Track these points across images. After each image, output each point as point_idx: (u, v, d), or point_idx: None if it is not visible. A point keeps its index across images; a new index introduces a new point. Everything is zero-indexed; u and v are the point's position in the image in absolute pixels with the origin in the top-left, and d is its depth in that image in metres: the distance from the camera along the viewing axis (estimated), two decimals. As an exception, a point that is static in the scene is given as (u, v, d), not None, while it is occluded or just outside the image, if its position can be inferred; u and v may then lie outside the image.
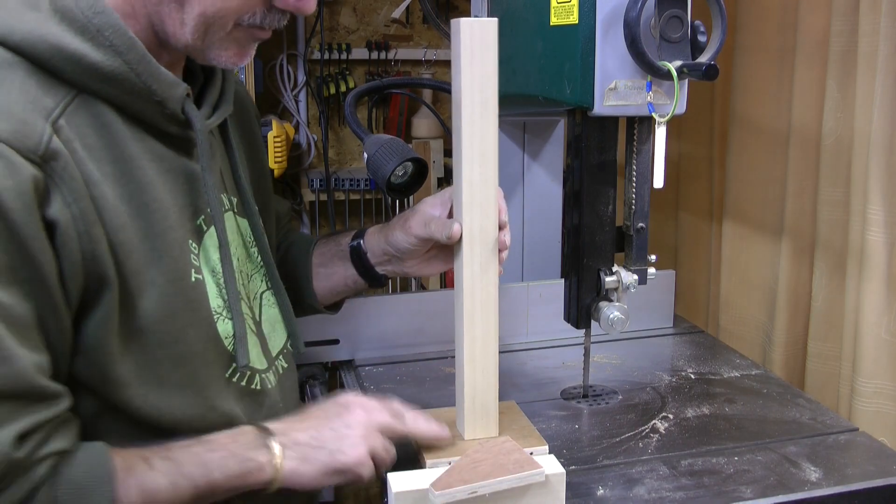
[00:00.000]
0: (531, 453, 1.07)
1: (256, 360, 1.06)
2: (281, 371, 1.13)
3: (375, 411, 1.03)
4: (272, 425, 0.98)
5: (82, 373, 0.90)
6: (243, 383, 1.03)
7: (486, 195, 1.07)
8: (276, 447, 0.95)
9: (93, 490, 0.84)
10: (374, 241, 1.23)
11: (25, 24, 0.84)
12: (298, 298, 1.28)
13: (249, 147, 1.21)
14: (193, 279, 0.96)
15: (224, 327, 0.99)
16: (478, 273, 1.09)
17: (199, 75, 1.05)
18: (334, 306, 1.35)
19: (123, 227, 0.88)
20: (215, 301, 0.99)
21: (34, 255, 0.81)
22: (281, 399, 1.10)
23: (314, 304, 1.29)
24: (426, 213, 1.15)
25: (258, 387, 1.06)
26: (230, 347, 1.00)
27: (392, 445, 1.04)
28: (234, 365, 1.01)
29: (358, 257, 1.25)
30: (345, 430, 0.99)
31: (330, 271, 1.28)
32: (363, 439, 0.99)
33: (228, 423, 1.00)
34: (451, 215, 1.14)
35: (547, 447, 1.10)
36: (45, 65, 0.85)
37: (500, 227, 1.10)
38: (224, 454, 0.93)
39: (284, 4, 0.93)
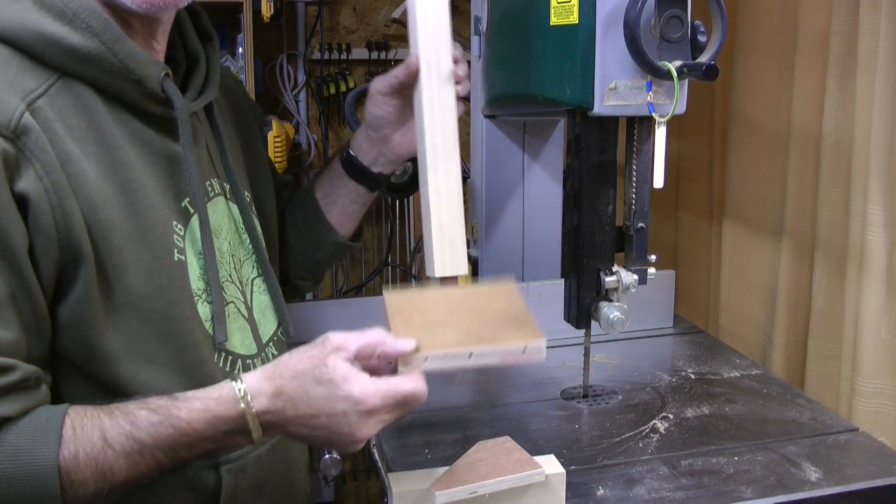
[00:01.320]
0: (524, 349, 0.94)
1: (240, 345, 1.06)
2: (271, 358, 1.12)
3: (368, 399, 0.89)
4: (263, 407, 0.89)
5: (67, 349, 0.90)
6: (227, 368, 1.03)
7: (438, 31, 1.13)
8: (256, 434, 0.90)
9: (33, 455, 0.82)
10: (359, 138, 1.26)
11: (7, 14, 0.89)
12: (320, 240, 1.29)
13: (243, 135, 1.23)
14: (176, 259, 0.97)
15: (203, 309, 1.00)
16: (436, 100, 1.11)
17: (182, 63, 1.07)
18: (356, 236, 1.34)
19: (105, 204, 0.90)
20: (197, 283, 1.00)
21: (4, 229, 0.82)
22: None
23: (336, 238, 1.29)
24: (384, 75, 1.20)
25: (241, 372, 1.03)
26: (210, 330, 1.00)
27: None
28: (216, 347, 1.01)
29: (351, 166, 1.26)
30: (335, 436, 0.90)
31: (334, 197, 1.29)
32: (353, 444, 0.91)
33: None
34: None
35: (544, 341, 0.95)
36: (27, 50, 0.89)
37: (455, 62, 1.14)
38: (196, 439, 0.88)
39: None
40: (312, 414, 0.89)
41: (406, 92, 1.18)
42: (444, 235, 1.10)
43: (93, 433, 0.85)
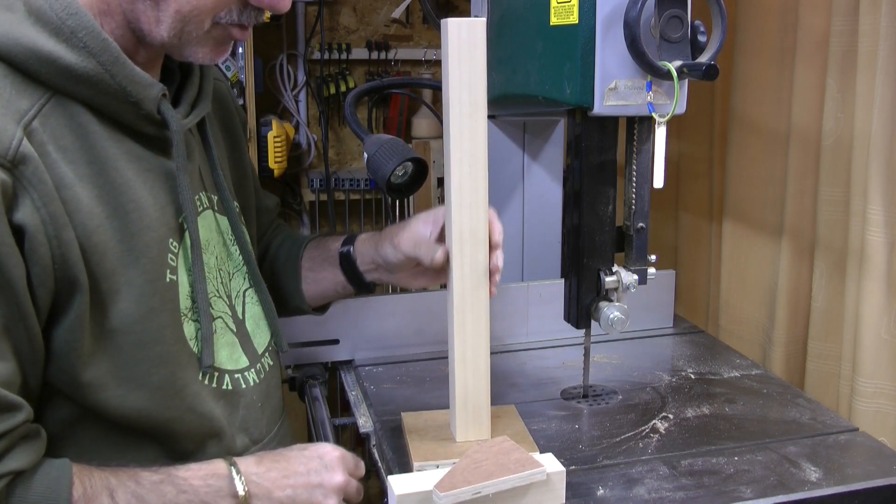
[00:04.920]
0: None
1: (228, 360, 1.05)
2: (267, 369, 1.12)
3: (334, 450, 1.03)
4: (251, 471, 0.96)
5: (54, 377, 0.89)
6: (213, 385, 1.02)
7: (475, 196, 1.08)
8: (243, 492, 0.94)
9: None
10: (364, 248, 1.24)
11: (0, 27, 0.85)
12: (286, 300, 1.29)
13: (231, 144, 1.21)
14: (168, 280, 0.96)
15: (188, 328, 0.98)
16: (468, 301, 1.10)
17: (177, 73, 1.05)
18: (322, 308, 1.36)
19: (98, 228, 0.88)
20: (185, 302, 0.98)
21: (2, 261, 0.80)
22: (260, 398, 1.09)
23: (302, 305, 1.30)
24: (417, 232, 1.15)
25: (229, 387, 1.04)
26: (195, 349, 0.99)
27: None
28: (202, 368, 1.00)
29: (347, 263, 1.25)
30: (322, 500, 0.99)
31: (319, 276, 1.28)
32: (329, 494, 0.99)
33: (207, 424, 1.00)
34: (442, 234, 1.15)
35: (538, 453, 1.11)
36: (19, 66, 0.85)
37: (493, 248, 1.10)
38: (191, 498, 0.91)
39: (259, 2, 0.93)
40: (293, 470, 0.98)
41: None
42: (469, 404, 1.14)
43: (101, 492, 0.86)
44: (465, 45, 1.04)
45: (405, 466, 1.14)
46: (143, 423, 0.94)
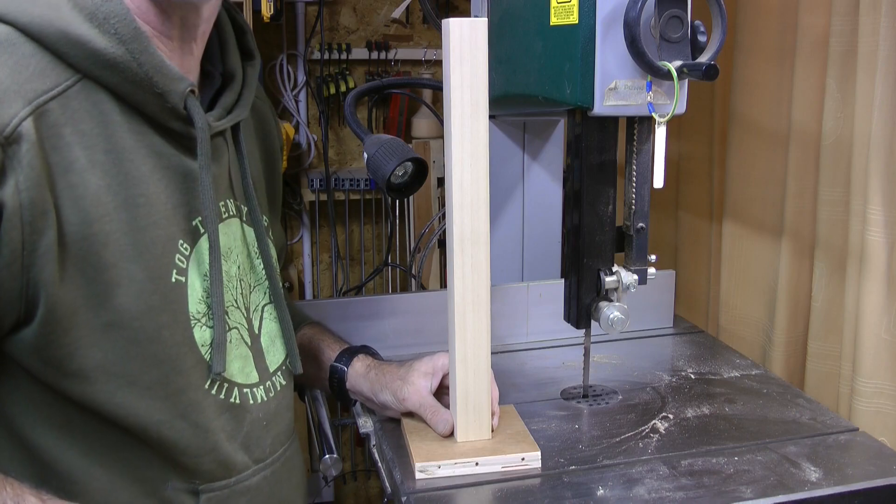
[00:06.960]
0: (522, 458, 1.12)
1: (239, 373, 1.02)
2: (279, 388, 1.08)
3: None
4: None
5: (34, 368, 0.88)
6: (221, 396, 0.99)
7: (475, 196, 1.09)
8: None
9: None
10: (359, 381, 1.25)
11: (36, 8, 0.85)
12: None
13: (267, 166, 1.20)
14: (174, 280, 0.94)
15: (201, 334, 0.96)
16: (469, 274, 1.10)
17: (217, 80, 1.04)
18: None
19: (102, 218, 0.87)
20: (197, 306, 0.96)
21: None
22: (266, 417, 1.05)
23: None
24: (421, 390, 1.19)
25: (237, 400, 1.01)
26: (206, 356, 0.97)
27: None
28: (211, 375, 0.97)
29: (336, 379, 1.26)
30: None
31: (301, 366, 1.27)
32: None
33: (201, 435, 0.97)
34: (441, 385, 1.21)
35: (539, 452, 1.13)
36: (50, 47, 0.86)
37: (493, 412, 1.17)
38: None
39: None
40: None
41: None
42: (469, 404, 1.15)
43: None
44: (465, 45, 1.05)
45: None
46: (130, 422, 0.92)
